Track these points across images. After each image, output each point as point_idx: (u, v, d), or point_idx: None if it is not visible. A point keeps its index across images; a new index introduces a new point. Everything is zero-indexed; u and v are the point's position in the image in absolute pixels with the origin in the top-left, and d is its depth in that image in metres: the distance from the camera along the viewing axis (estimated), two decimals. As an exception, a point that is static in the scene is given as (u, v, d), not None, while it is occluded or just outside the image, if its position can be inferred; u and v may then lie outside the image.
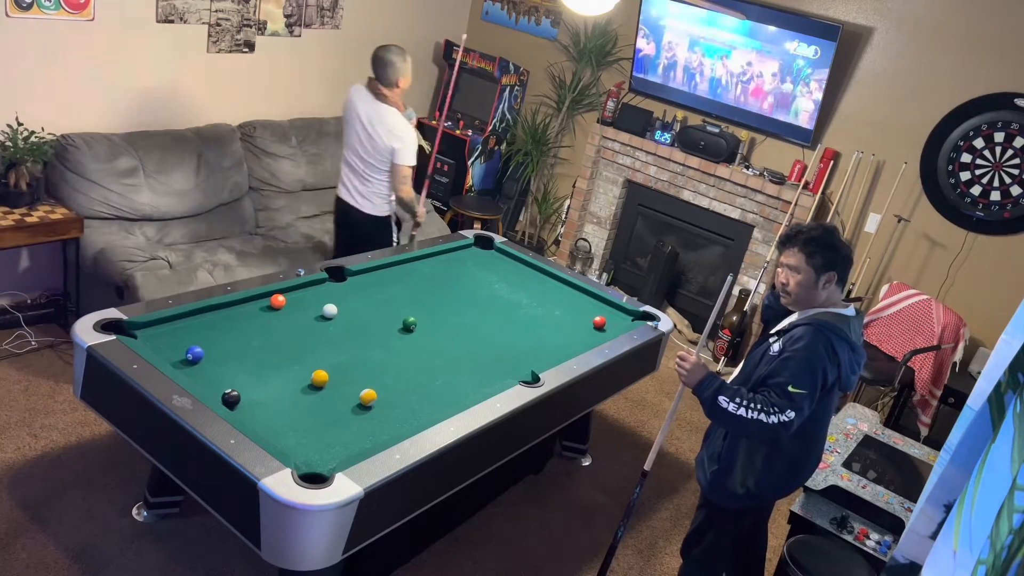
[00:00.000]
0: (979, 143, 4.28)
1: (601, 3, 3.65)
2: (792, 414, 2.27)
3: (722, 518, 2.64)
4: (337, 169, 4.91)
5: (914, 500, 2.95)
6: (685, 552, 2.79)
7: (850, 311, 2.43)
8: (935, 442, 4.10)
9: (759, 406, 2.28)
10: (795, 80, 4.65)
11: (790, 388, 2.28)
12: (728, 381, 2.58)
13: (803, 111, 4.68)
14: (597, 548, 3.30)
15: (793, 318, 2.47)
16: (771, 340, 2.45)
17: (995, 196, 4.28)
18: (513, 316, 3.45)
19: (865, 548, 2.91)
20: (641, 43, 5.17)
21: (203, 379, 2.54)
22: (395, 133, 3.70)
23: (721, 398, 2.32)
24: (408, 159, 3.77)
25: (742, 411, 2.29)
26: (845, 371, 2.37)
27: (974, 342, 4.40)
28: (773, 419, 2.27)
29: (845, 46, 4.53)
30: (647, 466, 2.80)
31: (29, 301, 4.06)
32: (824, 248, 2.37)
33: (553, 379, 2.92)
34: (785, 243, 2.44)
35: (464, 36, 4.38)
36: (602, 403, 3.71)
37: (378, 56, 3.70)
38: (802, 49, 4.57)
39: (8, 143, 3.61)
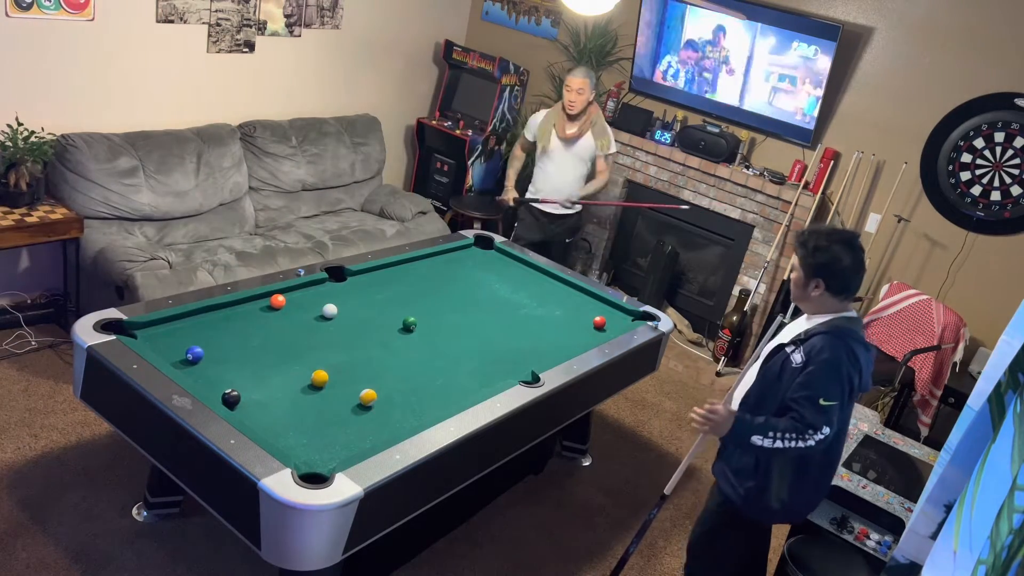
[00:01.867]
0: (979, 143, 4.27)
1: (601, 3, 3.65)
2: (827, 429, 2.26)
3: (741, 528, 2.61)
4: (337, 169, 4.98)
5: (914, 500, 2.95)
6: (692, 553, 2.78)
7: (853, 313, 2.44)
8: (935, 442, 4.09)
9: (794, 434, 2.26)
10: (793, 76, 4.64)
11: (822, 402, 2.26)
12: (735, 386, 2.55)
13: (802, 105, 4.68)
14: (597, 548, 3.30)
15: (807, 326, 2.45)
16: (788, 350, 2.41)
17: (995, 196, 4.28)
18: (513, 316, 3.45)
19: (865, 548, 2.90)
20: (647, 38, 5.15)
21: (203, 379, 2.54)
22: None
23: (755, 437, 2.30)
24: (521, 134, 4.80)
25: (779, 443, 2.27)
26: (865, 373, 2.37)
27: (974, 342, 4.39)
28: (811, 442, 2.26)
29: (845, 46, 4.53)
30: (667, 490, 2.74)
31: (29, 301, 4.06)
32: (815, 253, 2.36)
33: (553, 379, 2.92)
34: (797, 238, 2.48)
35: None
36: (602, 403, 3.71)
37: None
38: (802, 49, 4.57)
39: (8, 143, 3.61)
